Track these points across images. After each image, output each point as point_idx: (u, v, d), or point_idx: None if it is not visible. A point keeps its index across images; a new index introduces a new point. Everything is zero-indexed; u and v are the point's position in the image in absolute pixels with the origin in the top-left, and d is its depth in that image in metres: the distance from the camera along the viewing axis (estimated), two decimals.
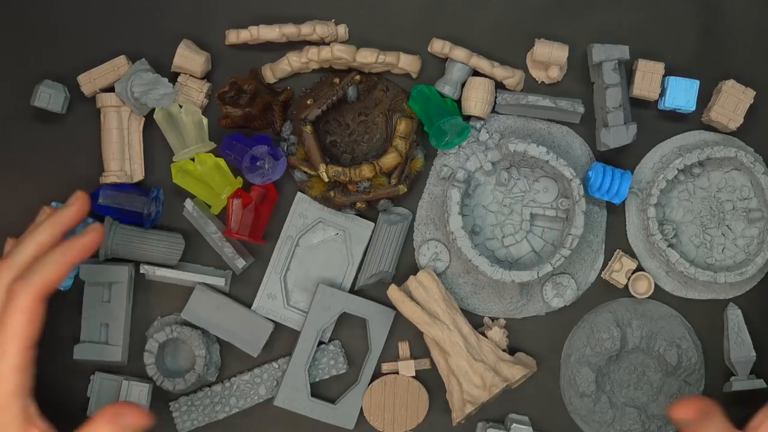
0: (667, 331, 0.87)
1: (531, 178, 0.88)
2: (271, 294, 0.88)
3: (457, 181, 0.84)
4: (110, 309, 0.86)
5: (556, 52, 0.85)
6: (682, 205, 0.88)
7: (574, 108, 0.86)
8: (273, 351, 0.89)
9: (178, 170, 0.85)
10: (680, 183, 0.88)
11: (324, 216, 0.88)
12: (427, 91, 0.86)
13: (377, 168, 0.84)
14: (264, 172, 0.84)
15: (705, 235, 0.88)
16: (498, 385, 0.82)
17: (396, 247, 0.87)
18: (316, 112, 0.85)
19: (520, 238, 0.88)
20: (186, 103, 0.86)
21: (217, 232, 0.86)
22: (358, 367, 0.89)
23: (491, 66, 0.86)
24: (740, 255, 0.88)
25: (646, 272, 0.88)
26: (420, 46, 0.88)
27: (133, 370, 0.88)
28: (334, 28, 0.87)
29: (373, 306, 0.87)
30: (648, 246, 0.87)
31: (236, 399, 0.87)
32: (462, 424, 0.88)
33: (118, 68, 0.86)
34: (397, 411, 0.87)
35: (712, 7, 0.89)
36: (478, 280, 0.87)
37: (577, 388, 0.87)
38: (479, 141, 0.87)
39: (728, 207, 0.88)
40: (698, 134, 0.89)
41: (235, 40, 0.86)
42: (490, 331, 0.86)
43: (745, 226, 0.88)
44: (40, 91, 0.85)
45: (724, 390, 0.88)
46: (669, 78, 0.86)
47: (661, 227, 0.86)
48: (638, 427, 0.87)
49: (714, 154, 0.85)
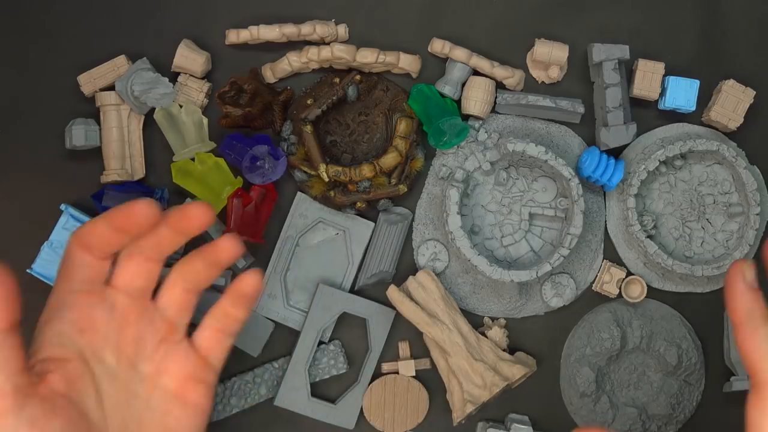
0: (667, 331, 0.87)
1: (530, 177, 0.88)
2: (271, 294, 0.88)
3: (456, 180, 0.84)
4: None
5: (556, 52, 0.85)
6: (663, 197, 0.88)
7: (575, 108, 0.86)
8: (273, 351, 0.89)
9: (178, 170, 0.85)
10: (662, 175, 0.88)
11: (324, 216, 0.88)
12: (427, 91, 0.86)
13: (377, 168, 0.84)
14: (264, 172, 0.84)
15: (684, 228, 0.88)
16: (498, 385, 0.82)
17: (396, 247, 0.87)
18: (316, 112, 0.85)
19: (519, 238, 0.88)
20: (186, 103, 0.86)
21: (217, 232, 0.86)
22: (358, 367, 0.89)
23: (491, 66, 0.86)
24: (719, 249, 0.88)
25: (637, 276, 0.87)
26: (420, 46, 0.88)
27: None
28: (334, 28, 0.87)
29: (373, 306, 0.87)
30: (627, 236, 0.87)
31: (236, 399, 0.88)
32: (462, 424, 0.88)
33: (118, 68, 0.86)
34: (397, 411, 0.87)
35: (712, 7, 0.89)
36: (477, 279, 0.87)
37: (577, 388, 0.87)
38: (478, 141, 0.87)
39: (709, 201, 0.88)
40: (681, 126, 0.89)
41: (235, 40, 0.86)
42: (490, 331, 0.86)
43: (725, 220, 0.88)
44: (73, 131, 0.85)
45: (724, 390, 0.88)
46: (669, 78, 0.86)
47: (640, 218, 0.86)
48: (638, 427, 0.87)
49: (696, 147, 0.85)
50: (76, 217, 0.85)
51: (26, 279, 0.87)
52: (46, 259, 0.85)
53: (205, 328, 0.69)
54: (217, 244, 0.66)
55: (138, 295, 0.66)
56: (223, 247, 0.66)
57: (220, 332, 0.68)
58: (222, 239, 0.66)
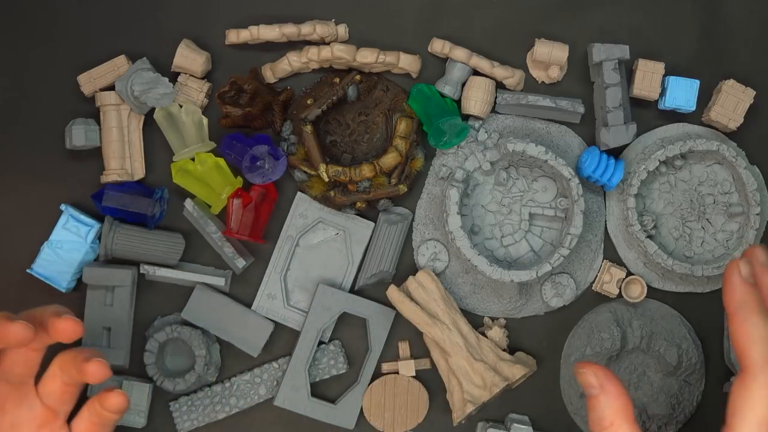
0: (667, 331, 0.87)
1: (530, 177, 0.88)
2: (271, 294, 0.88)
3: (456, 180, 0.84)
4: (113, 312, 0.86)
5: (556, 52, 0.85)
6: (663, 197, 0.88)
7: (575, 108, 0.86)
8: (273, 351, 0.89)
9: (178, 170, 0.85)
10: (662, 175, 0.88)
11: (324, 216, 0.88)
12: (427, 91, 0.86)
13: (377, 168, 0.84)
14: (264, 172, 0.84)
15: (684, 228, 0.88)
16: (499, 385, 0.82)
17: (396, 247, 0.87)
18: (316, 111, 0.85)
19: (519, 238, 0.88)
20: (186, 103, 0.86)
21: (217, 232, 0.86)
22: (358, 367, 0.89)
23: (491, 66, 0.86)
24: (719, 249, 0.88)
25: (637, 276, 0.87)
26: (420, 46, 0.88)
27: (133, 370, 0.88)
28: (334, 27, 0.87)
29: (373, 306, 0.87)
30: (627, 236, 0.87)
31: (236, 399, 0.88)
32: (462, 424, 0.88)
33: (118, 68, 0.86)
34: (397, 411, 0.87)
35: (712, 7, 0.89)
36: (477, 279, 0.87)
37: (577, 388, 0.87)
38: (478, 141, 0.87)
39: (709, 201, 0.88)
40: (681, 126, 0.89)
41: (235, 40, 0.86)
42: (490, 331, 0.86)
43: (725, 220, 0.88)
44: (73, 131, 0.85)
45: (724, 390, 0.88)
46: (669, 78, 0.86)
47: (640, 218, 0.86)
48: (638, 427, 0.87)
49: (696, 147, 0.85)
50: (76, 217, 0.85)
51: (26, 279, 0.87)
52: (46, 259, 0.85)
53: (83, 419, 0.72)
54: (86, 368, 0.69)
55: (17, 381, 0.69)
56: (90, 371, 0.69)
57: (96, 426, 0.72)
58: (91, 363, 0.69)
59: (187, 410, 0.87)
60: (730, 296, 0.64)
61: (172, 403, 0.87)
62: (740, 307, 0.63)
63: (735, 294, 0.63)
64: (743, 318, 0.62)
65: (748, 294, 0.63)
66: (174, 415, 0.87)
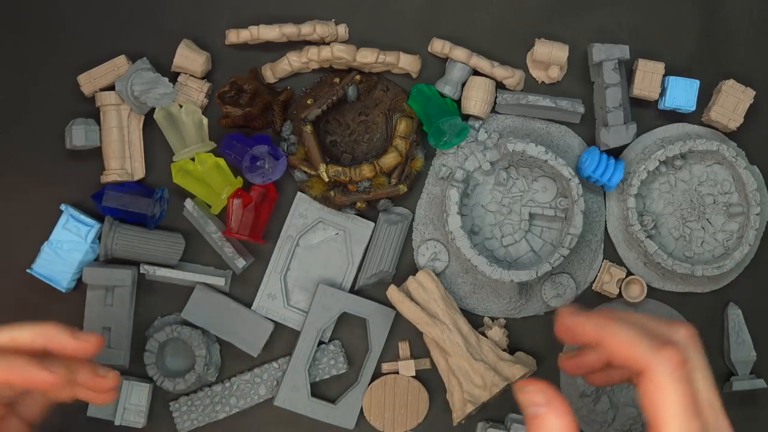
0: None
1: (530, 177, 0.88)
2: (271, 294, 0.88)
3: (456, 180, 0.84)
4: (113, 313, 0.86)
5: (556, 52, 0.86)
6: (663, 197, 0.88)
7: (575, 108, 0.86)
8: (273, 351, 0.89)
9: (178, 170, 0.85)
10: (662, 175, 0.88)
11: (324, 216, 0.88)
12: (427, 91, 0.86)
13: (377, 168, 0.84)
14: (264, 172, 0.84)
15: (684, 228, 0.88)
16: (499, 385, 0.82)
17: (396, 247, 0.87)
18: (316, 112, 0.85)
19: (519, 238, 0.88)
20: (186, 103, 0.86)
21: (217, 232, 0.86)
22: (358, 367, 0.89)
23: (491, 66, 0.86)
24: (719, 249, 0.88)
25: (637, 276, 0.87)
26: (420, 46, 0.88)
27: (133, 370, 0.88)
28: (334, 28, 0.87)
29: (373, 306, 0.87)
30: (627, 236, 0.87)
31: (236, 399, 0.88)
32: (462, 423, 0.88)
33: (118, 68, 0.86)
34: (397, 411, 0.87)
35: (712, 7, 0.89)
36: (477, 279, 0.87)
37: (577, 388, 0.87)
38: (478, 141, 0.87)
39: (709, 201, 0.88)
40: (681, 126, 0.89)
41: (235, 40, 0.86)
42: (490, 331, 0.86)
43: (725, 220, 0.88)
44: (73, 131, 0.85)
45: (724, 390, 0.88)
46: (669, 78, 0.86)
47: (640, 218, 0.86)
48: (638, 427, 0.87)
49: (696, 147, 0.85)
50: (76, 217, 0.85)
51: (26, 279, 0.87)
52: (46, 259, 0.85)
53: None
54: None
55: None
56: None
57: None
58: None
59: (187, 410, 0.87)
60: (582, 328, 0.65)
61: (172, 403, 0.87)
62: (599, 328, 0.64)
63: (585, 325, 0.65)
64: (606, 333, 0.63)
65: (588, 318, 0.65)
66: (174, 415, 0.87)
